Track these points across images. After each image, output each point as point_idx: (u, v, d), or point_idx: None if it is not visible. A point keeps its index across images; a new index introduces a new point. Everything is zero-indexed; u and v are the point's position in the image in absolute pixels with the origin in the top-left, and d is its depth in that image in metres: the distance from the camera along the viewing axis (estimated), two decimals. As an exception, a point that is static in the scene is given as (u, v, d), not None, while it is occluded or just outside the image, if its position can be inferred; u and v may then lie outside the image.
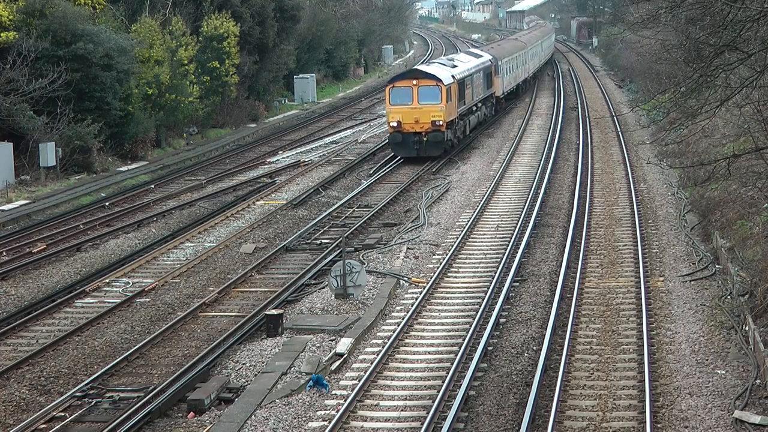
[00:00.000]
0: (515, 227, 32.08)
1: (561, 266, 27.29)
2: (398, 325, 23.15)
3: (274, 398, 19.45)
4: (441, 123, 44.74)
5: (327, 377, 20.54)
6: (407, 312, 24.17)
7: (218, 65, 56.43)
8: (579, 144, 49.57)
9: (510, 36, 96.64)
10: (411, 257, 29.70)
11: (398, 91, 45.21)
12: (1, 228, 35.33)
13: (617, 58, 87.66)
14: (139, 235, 34.19)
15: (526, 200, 36.28)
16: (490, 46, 74.23)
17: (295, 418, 18.73)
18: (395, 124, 44.91)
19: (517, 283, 26.56)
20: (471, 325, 22.87)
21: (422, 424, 17.80)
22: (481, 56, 58.47)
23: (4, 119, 41.95)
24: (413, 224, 33.87)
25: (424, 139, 44.92)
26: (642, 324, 22.54)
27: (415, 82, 44.93)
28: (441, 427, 17.54)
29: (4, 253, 31.51)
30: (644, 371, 19.61)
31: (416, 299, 25.21)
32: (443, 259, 28.66)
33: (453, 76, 46.96)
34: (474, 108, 52.75)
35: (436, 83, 44.79)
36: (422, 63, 53.42)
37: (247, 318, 24.60)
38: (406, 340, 22.59)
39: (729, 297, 24.20)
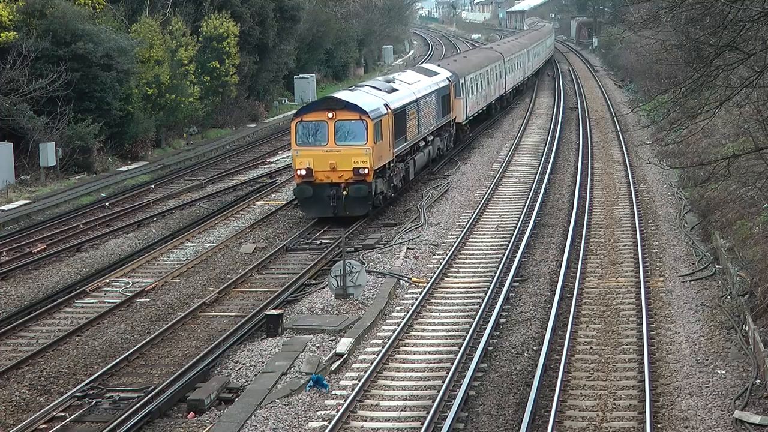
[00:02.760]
0: (515, 227, 32.08)
1: (561, 266, 27.29)
2: (398, 325, 23.15)
3: (274, 398, 19.45)
4: (366, 171, 33.34)
5: (327, 377, 20.54)
6: (407, 312, 24.18)
7: (218, 65, 56.44)
8: (579, 144, 49.60)
9: (484, 45, 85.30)
10: (411, 257, 29.70)
11: (308, 127, 33.65)
12: (1, 228, 35.32)
13: (617, 58, 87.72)
14: (139, 235, 34.18)
15: (526, 200, 36.29)
16: (452, 58, 61.01)
17: (295, 418, 18.73)
18: (303, 172, 33.49)
19: (517, 283, 26.56)
20: (471, 325, 22.87)
21: (422, 424, 17.80)
22: (436, 74, 46.43)
23: (4, 119, 41.95)
24: (413, 224, 33.87)
25: (344, 192, 33.50)
26: (642, 324, 22.55)
27: (330, 114, 33.35)
28: (441, 427, 17.54)
29: (4, 253, 31.51)
30: (644, 371, 19.61)
31: (416, 299, 25.21)
32: (443, 259, 28.66)
33: (387, 105, 35.40)
34: (421, 143, 40.90)
35: (360, 116, 33.32)
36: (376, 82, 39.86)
37: (247, 318, 24.61)
38: (406, 340, 22.59)
39: (729, 297, 24.21)
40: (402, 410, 18.82)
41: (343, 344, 22.10)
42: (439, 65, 50.92)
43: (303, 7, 70.10)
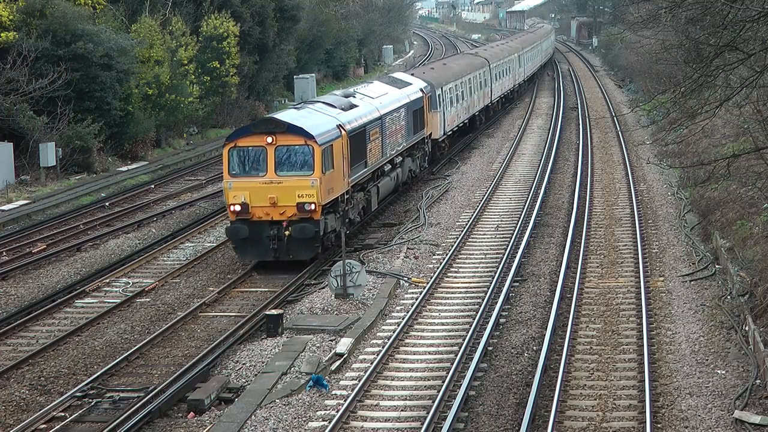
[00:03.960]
0: (515, 227, 32.08)
1: (561, 266, 27.29)
2: (398, 325, 23.15)
3: (274, 398, 19.45)
4: (313, 207, 28.09)
5: (327, 377, 20.54)
6: (407, 312, 24.18)
7: (218, 65, 56.44)
8: (579, 144, 49.60)
9: (469, 50, 79.39)
10: (411, 257, 29.70)
11: (244, 154, 28.46)
12: (1, 228, 35.32)
13: (617, 58, 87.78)
14: (139, 235, 34.18)
15: (526, 200, 36.30)
16: (429, 66, 54.68)
17: (295, 418, 18.73)
18: (238, 207, 28.26)
19: (517, 283, 26.56)
20: (471, 325, 22.88)
21: (422, 424, 17.80)
22: (408, 84, 40.64)
23: (4, 119, 41.96)
24: (413, 224, 33.87)
25: (286, 233, 28.26)
26: (642, 324, 22.55)
27: (270, 139, 28.09)
28: (441, 427, 17.54)
29: (4, 253, 31.50)
30: (644, 371, 19.61)
31: (416, 299, 25.21)
32: (443, 259, 28.66)
33: (341, 126, 30.10)
34: (387, 167, 35.52)
35: (306, 141, 28.08)
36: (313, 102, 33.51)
37: (247, 318, 24.61)
38: (406, 340, 22.59)
39: (729, 297, 24.21)
40: (402, 410, 18.82)
41: (343, 344, 22.10)
42: (412, 74, 45.39)
43: (303, 7, 70.08)
